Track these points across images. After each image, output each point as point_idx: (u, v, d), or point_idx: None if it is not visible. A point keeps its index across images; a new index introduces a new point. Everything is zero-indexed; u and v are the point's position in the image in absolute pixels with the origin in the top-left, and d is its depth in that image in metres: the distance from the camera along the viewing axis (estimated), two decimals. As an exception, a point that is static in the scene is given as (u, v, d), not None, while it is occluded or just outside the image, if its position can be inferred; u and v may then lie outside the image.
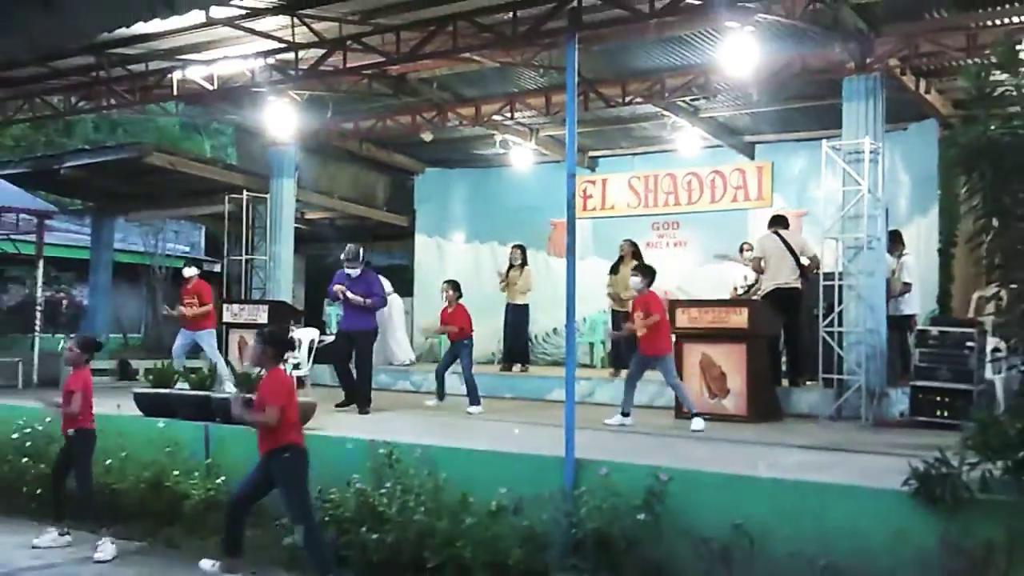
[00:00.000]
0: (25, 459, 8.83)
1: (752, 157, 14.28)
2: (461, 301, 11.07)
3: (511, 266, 13.81)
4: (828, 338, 9.83)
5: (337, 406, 10.30)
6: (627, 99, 11.83)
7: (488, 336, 14.98)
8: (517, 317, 13.81)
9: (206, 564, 6.68)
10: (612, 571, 6.07)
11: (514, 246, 13.96)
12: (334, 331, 15.24)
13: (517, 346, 13.80)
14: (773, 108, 12.77)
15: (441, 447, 7.41)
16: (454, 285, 11.17)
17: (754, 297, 11.11)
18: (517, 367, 13.59)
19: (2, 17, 4.03)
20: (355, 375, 10.66)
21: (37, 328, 15.39)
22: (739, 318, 9.84)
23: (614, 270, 12.58)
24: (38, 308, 15.87)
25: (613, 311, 12.76)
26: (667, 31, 9.64)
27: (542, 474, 6.76)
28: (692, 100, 12.44)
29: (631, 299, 10.42)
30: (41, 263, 16.23)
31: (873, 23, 9.69)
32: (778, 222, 11.04)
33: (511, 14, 8.44)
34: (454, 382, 11.16)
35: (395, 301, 14.45)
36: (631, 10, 7.92)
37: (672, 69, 11.32)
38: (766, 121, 13.51)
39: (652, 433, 8.80)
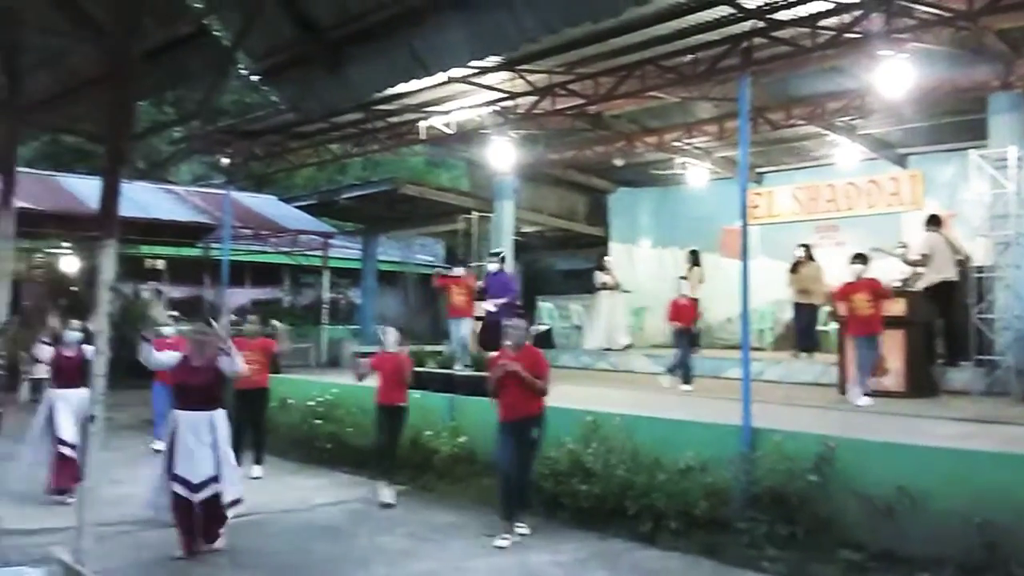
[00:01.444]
0: (318, 420, 9.43)
1: (904, 167, 13.37)
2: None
3: (689, 267, 13.49)
4: (980, 324, 9.10)
5: None
6: (790, 122, 11.30)
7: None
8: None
9: (501, 542, 6.33)
10: (786, 523, 5.85)
11: (689, 251, 13.63)
12: (547, 323, 15.42)
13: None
14: (924, 123, 11.86)
15: (636, 416, 7.37)
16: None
17: (913, 289, 10.32)
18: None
19: (302, 87, 4.32)
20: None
21: (324, 321, 16.43)
22: (898, 307, 9.20)
23: (794, 270, 12.17)
24: (324, 306, 16.94)
25: (796, 304, 12.21)
26: (828, 62, 9.14)
27: (722, 439, 6.61)
28: (850, 120, 11.73)
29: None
30: (326, 272, 17.31)
31: (1014, 45, 8.85)
32: (936, 221, 10.25)
33: (691, 57, 8.26)
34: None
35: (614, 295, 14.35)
36: (796, 46, 7.57)
37: (831, 94, 10.68)
38: (917, 135, 12.55)
39: (818, 406, 8.39)
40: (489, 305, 11.36)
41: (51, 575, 4.01)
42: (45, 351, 8.01)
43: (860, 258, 9.02)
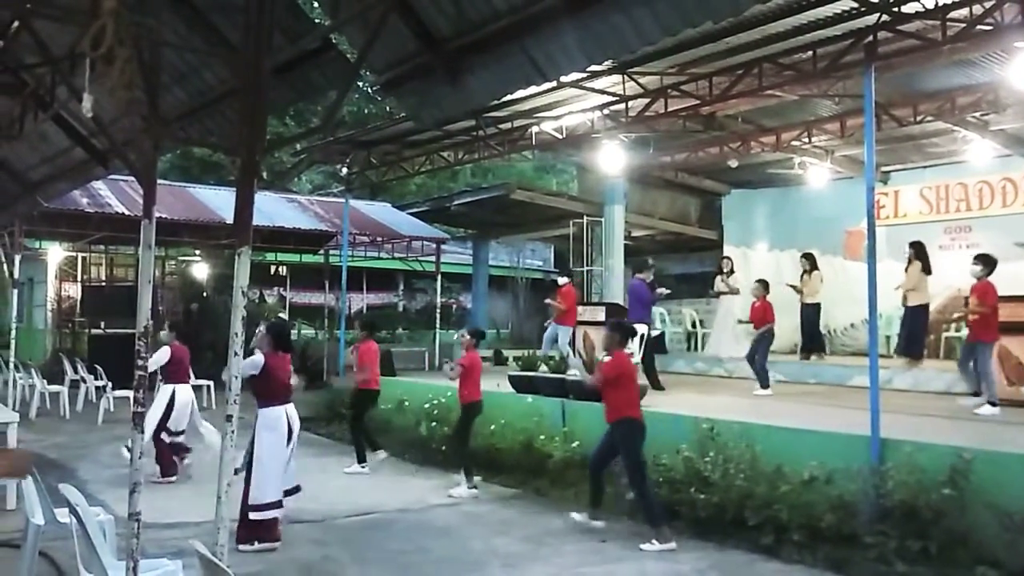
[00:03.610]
0: (434, 423, 9.59)
1: (1043, 163, 12.53)
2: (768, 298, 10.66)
3: (804, 272, 13.06)
4: None
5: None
6: (918, 118, 10.74)
7: (789, 330, 14.30)
8: (809, 315, 12.99)
9: (576, 516, 6.91)
10: (918, 538, 5.57)
11: (803, 255, 13.18)
12: (659, 328, 15.17)
13: (813, 339, 12.99)
14: (1063, 117, 11.05)
15: (757, 424, 7.17)
16: (764, 284, 10.83)
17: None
18: (814, 357, 12.80)
19: (423, 97, 4.43)
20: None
21: (437, 325, 16.74)
22: (1037, 312, 8.63)
23: (907, 269, 11.60)
24: (437, 310, 17.26)
25: (904, 307, 11.63)
26: (957, 55, 8.65)
27: (849, 450, 6.36)
28: (982, 115, 11.05)
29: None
30: (439, 277, 17.63)
31: None
32: None
33: (811, 53, 8.00)
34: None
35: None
36: (923, 39, 7.22)
37: (962, 88, 10.09)
38: (1056, 130, 11.73)
39: (951, 417, 7.94)
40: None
41: (188, 567, 4.23)
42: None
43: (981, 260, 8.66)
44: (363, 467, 9.22)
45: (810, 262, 12.93)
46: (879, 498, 5.86)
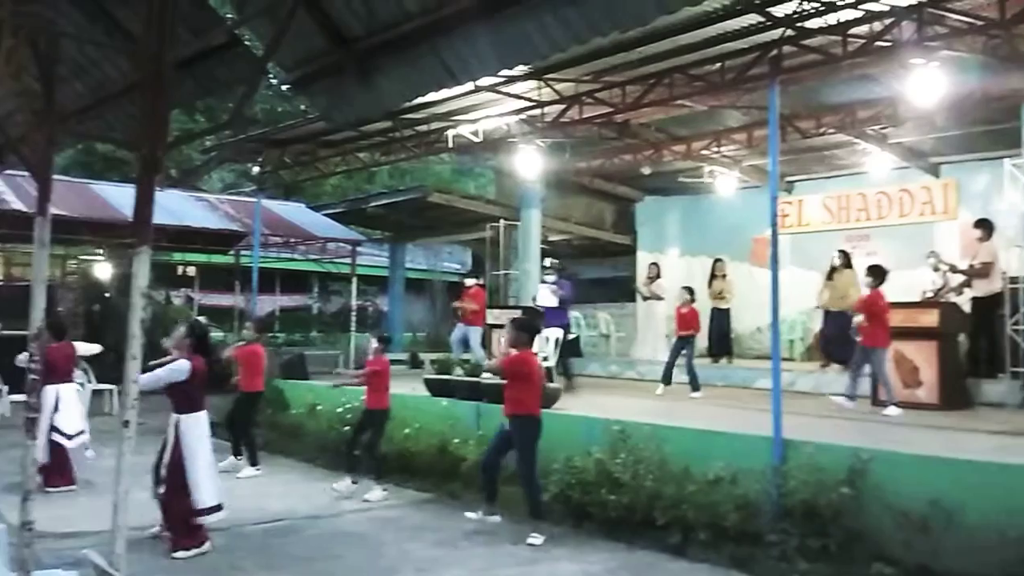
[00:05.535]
0: (347, 427, 9.42)
1: (937, 176, 13.18)
2: (694, 305, 11.10)
3: (714, 276, 13.47)
4: (1015, 335, 8.91)
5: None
6: (821, 130, 11.16)
7: (700, 335, 14.64)
8: (720, 319, 13.41)
9: (472, 515, 7.16)
10: (818, 537, 5.77)
11: (716, 260, 13.59)
12: (574, 332, 15.32)
13: (722, 342, 13.37)
14: (956, 132, 11.64)
15: (665, 426, 7.30)
16: (690, 291, 11.29)
17: (951, 300, 10.19)
18: (724, 360, 13.19)
19: (333, 97, 4.36)
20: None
21: (352, 328, 16.50)
22: (930, 318, 9.09)
23: (830, 277, 11.91)
24: (352, 313, 17.01)
25: (826, 311, 11.90)
26: (858, 70, 9.02)
27: (753, 451, 6.54)
28: (881, 128, 11.57)
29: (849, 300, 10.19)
30: (354, 279, 17.38)
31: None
32: (992, 230, 10.02)
33: (719, 65, 8.22)
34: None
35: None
36: (826, 54, 7.51)
37: (862, 102, 10.52)
38: (950, 144, 12.34)
39: (851, 419, 8.27)
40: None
41: (84, 579, 4.04)
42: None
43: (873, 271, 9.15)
44: (256, 469, 9.29)
45: (722, 268, 13.36)
46: (781, 497, 6.04)
